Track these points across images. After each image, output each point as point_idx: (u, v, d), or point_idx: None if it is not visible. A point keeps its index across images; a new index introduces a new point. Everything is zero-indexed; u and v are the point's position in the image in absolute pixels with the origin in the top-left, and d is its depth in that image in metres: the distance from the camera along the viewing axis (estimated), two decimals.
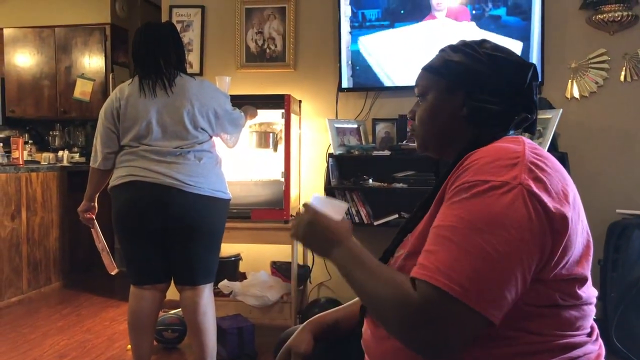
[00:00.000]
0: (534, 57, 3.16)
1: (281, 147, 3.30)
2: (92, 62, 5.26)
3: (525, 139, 1.02)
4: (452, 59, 1.10)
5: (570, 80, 3.28)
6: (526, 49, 3.17)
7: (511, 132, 1.09)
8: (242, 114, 2.64)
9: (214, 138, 2.50)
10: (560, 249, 0.90)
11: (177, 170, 2.30)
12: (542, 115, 2.99)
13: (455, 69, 1.09)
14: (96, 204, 2.61)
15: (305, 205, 1.15)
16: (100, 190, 2.56)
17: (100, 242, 2.68)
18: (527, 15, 3.17)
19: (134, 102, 2.36)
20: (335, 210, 1.13)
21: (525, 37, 3.17)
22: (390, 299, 0.92)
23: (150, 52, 2.39)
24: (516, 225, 0.86)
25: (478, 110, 1.07)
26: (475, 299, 0.85)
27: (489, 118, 1.06)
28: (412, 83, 1.19)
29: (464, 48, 1.10)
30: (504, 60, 1.08)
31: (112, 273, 2.71)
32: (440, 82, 1.11)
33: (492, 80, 1.06)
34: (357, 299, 1.36)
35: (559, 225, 0.89)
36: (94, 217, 2.62)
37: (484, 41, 1.12)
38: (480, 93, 1.07)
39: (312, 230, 1.10)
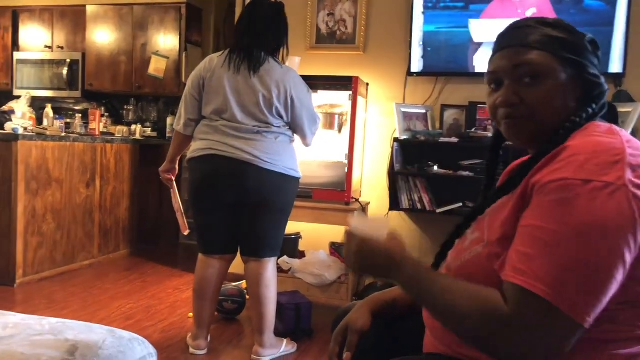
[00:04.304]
0: (617, 46, 3.01)
1: (346, 129, 3.30)
2: (166, 40, 5.41)
3: (616, 127, 0.97)
4: (553, 34, 1.01)
5: None
6: (608, 36, 3.02)
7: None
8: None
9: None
10: None
11: (254, 147, 2.36)
12: (622, 108, 2.85)
13: (563, 45, 1.00)
14: (177, 166, 2.71)
15: (347, 233, 1.08)
16: (181, 153, 2.65)
17: (177, 202, 2.79)
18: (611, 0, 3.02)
19: (219, 75, 2.41)
20: (379, 227, 1.07)
21: (608, 24, 3.02)
22: (476, 313, 0.89)
23: (247, 30, 2.43)
24: (622, 229, 0.84)
25: (593, 87, 1.01)
26: (580, 311, 0.83)
27: (600, 96, 1.01)
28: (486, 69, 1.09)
29: (558, 23, 1.03)
30: (589, 38, 1.04)
31: (185, 233, 2.86)
32: (550, 59, 1.00)
33: (593, 55, 1.02)
34: None
35: None
36: (174, 179, 2.73)
37: (560, 19, 1.07)
38: (590, 69, 1.01)
39: (363, 258, 1.04)
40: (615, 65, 3.04)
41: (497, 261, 0.96)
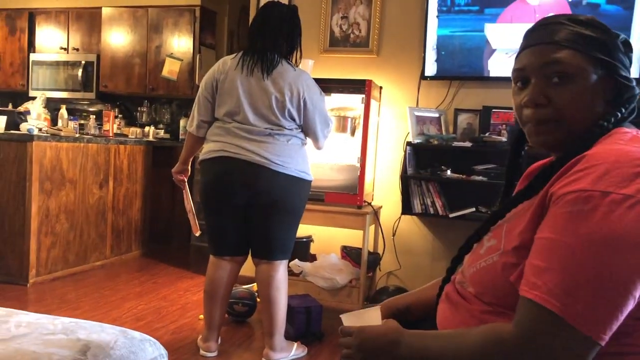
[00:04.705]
0: (635, 51, 2.97)
1: (359, 132, 3.29)
2: (180, 42, 5.44)
3: None
4: (584, 32, 0.96)
5: None
6: None
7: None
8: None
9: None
10: None
11: (265, 149, 2.36)
12: None
13: (594, 44, 0.96)
14: (189, 168, 2.72)
15: (342, 330, 1.09)
16: (194, 154, 2.67)
17: (189, 203, 2.81)
18: (629, 4, 2.98)
19: (232, 76, 2.42)
20: (370, 318, 1.11)
21: (625, 28, 2.98)
22: (485, 347, 0.88)
23: (260, 33, 2.44)
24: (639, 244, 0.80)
25: (623, 90, 0.97)
26: (594, 328, 0.80)
27: (631, 100, 0.97)
28: (502, 74, 1.08)
29: (590, 21, 0.99)
30: (622, 38, 1.01)
31: (196, 234, 2.88)
32: (580, 59, 0.96)
33: (625, 56, 0.99)
34: (428, 284, 1.34)
35: None
36: (186, 180, 2.75)
37: (593, 17, 1.02)
38: (622, 70, 0.97)
39: (366, 346, 1.04)
40: (632, 70, 2.99)
41: (513, 272, 0.93)
